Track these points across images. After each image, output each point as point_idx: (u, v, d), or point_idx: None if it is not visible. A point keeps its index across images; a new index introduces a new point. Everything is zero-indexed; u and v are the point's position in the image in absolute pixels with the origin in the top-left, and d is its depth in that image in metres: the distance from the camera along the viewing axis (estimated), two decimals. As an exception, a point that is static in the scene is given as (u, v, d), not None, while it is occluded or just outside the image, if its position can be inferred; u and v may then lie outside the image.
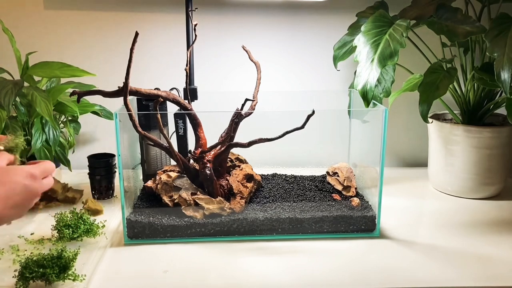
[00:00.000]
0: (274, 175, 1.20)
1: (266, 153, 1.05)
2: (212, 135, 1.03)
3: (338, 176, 1.12)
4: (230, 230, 0.95)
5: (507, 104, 1.00)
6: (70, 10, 1.29)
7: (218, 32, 1.33)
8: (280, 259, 0.88)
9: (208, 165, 0.96)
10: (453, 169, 1.17)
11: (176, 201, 0.96)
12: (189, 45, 1.09)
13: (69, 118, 1.19)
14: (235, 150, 1.07)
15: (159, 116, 0.90)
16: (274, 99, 1.24)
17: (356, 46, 1.03)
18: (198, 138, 1.02)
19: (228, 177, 1.01)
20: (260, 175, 1.11)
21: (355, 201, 1.02)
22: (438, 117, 1.23)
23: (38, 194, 0.68)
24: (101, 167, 1.14)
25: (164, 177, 1.00)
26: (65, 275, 0.77)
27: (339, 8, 1.32)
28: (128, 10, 1.30)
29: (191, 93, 1.09)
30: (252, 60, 1.07)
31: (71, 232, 0.90)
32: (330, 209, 0.99)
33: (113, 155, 1.17)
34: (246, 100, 0.95)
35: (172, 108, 1.06)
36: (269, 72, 1.29)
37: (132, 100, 1.06)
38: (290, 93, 1.34)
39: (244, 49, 1.06)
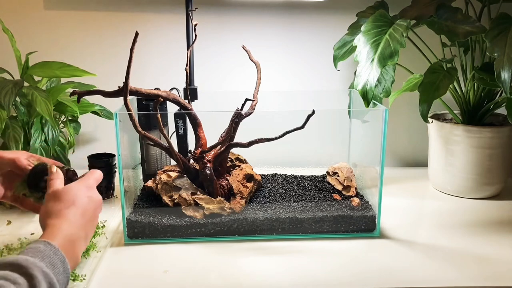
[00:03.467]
0: (274, 175, 1.20)
1: (266, 153, 1.05)
2: (212, 135, 1.03)
3: (338, 176, 1.12)
4: (230, 230, 0.95)
5: (507, 104, 1.00)
6: (70, 10, 1.29)
7: (218, 32, 1.33)
8: (280, 259, 0.88)
9: (208, 165, 0.96)
10: (453, 169, 1.17)
11: (176, 201, 0.96)
12: (189, 45, 1.09)
13: (69, 118, 1.19)
14: (235, 150, 1.07)
15: (159, 116, 0.90)
16: (274, 99, 1.24)
17: (356, 46, 1.03)
18: (198, 138, 1.02)
19: (228, 177, 1.01)
20: (260, 175, 1.11)
21: (355, 201, 1.02)
22: (438, 117, 1.23)
23: (101, 201, 0.73)
24: (101, 167, 1.13)
25: (164, 177, 1.00)
26: (65, 275, 0.77)
27: (339, 8, 1.32)
28: (128, 10, 1.30)
29: (191, 93, 1.09)
30: (252, 60, 1.07)
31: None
32: (330, 209, 0.99)
33: (113, 155, 1.16)
34: (246, 100, 0.95)
35: (172, 108, 1.06)
36: (269, 72, 1.29)
37: (132, 100, 1.06)
38: (290, 93, 1.34)
39: (244, 49, 1.06)
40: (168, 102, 1.04)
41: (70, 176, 0.78)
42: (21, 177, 0.79)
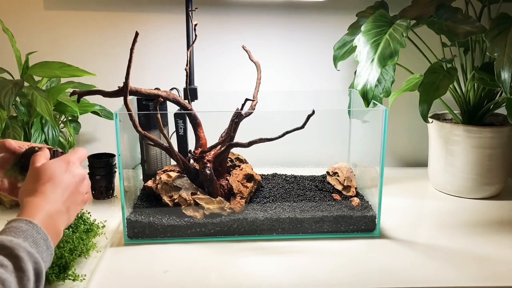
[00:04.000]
0: (274, 175, 1.20)
1: (266, 153, 1.05)
2: (212, 135, 1.03)
3: (338, 176, 1.12)
4: (230, 230, 0.95)
5: (507, 104, 1.00)
6: (70, 10, 1.29)
7: (218, 32, 1.33)
8: (280, 259, 0.88)
9: (208, 165, 0.96)
10: (453, 169, 1.17)
11: (176, 201, 0.96)
12: (189, 45, 1.09)
13: (69, 118, 1.19)
14: (235, 150, 1.07)
15: (159, 116, 0.90)
16: (274, 99, 1.24)
17: (356, 46, 1.03)
18: (198, 138, 1.02)
19: (228, 177, 1.01)
20: (260, 175, 1.11)
21: (355, 201, 1.03)
22: (438, 117, 1.23)
23: (84, 176, 0.71)
24: (101, 167, 1.14)
25: (164, 177, 1.00)
26: (65, 275, 0.77)
27: (339, 8, 1.32)
28: (128, 10, 1.30)
29: (191, 93, 1.09)
30: (252, 60, 1.07)
31: (71, 232, 0.90)
32: (330, 209, 0.99)
33: (113, 155, 1.16)
34: (246, 100, 0.95)
35: (172, 108, 1.06)
36: (269, 72, 1.29)
37: (132, 100, 1.06)
38: (290, 93, 1.34)
39: (244, 49, 1.06)
40: (168, 102, 1.04)
41: (57, 156, 0.77)
42: (12, 162, 0.77)
